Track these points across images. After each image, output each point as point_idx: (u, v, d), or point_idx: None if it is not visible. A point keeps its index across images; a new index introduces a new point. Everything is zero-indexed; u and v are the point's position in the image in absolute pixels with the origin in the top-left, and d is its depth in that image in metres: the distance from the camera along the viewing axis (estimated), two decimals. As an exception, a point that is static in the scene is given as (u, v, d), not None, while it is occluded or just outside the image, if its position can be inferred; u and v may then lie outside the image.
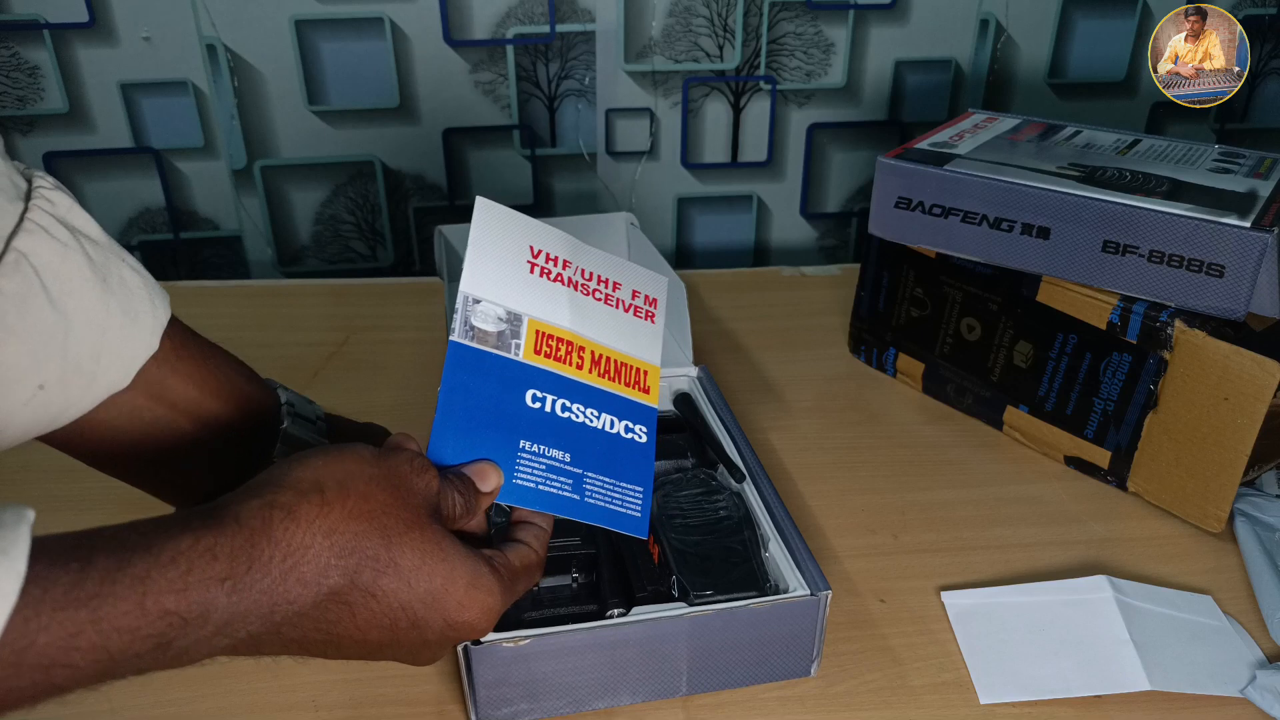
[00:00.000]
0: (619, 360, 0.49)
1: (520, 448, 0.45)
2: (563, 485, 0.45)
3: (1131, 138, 0.84)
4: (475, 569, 0.39)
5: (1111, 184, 0.73)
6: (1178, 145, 0.82)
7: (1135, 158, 0.78)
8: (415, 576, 0.37)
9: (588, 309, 0.49)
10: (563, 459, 0.46)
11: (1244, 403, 0.65)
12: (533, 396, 0.46)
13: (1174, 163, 0.77)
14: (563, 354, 0.47)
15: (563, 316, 0.48)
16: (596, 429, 0.47)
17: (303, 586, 0.34)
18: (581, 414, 0.47)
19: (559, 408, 0.46)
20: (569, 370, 0.47)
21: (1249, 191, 0.71)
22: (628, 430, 0.48)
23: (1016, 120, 0.89)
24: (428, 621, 0.38)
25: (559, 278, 0.48)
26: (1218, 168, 0.76)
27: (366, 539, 0.36)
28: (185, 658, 0.32)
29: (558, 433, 0.46)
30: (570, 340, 0.48)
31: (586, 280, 0.49)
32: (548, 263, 0.48)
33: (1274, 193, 0.71)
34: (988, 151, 0.81)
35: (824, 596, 0.56)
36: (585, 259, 0.50)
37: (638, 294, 0.51)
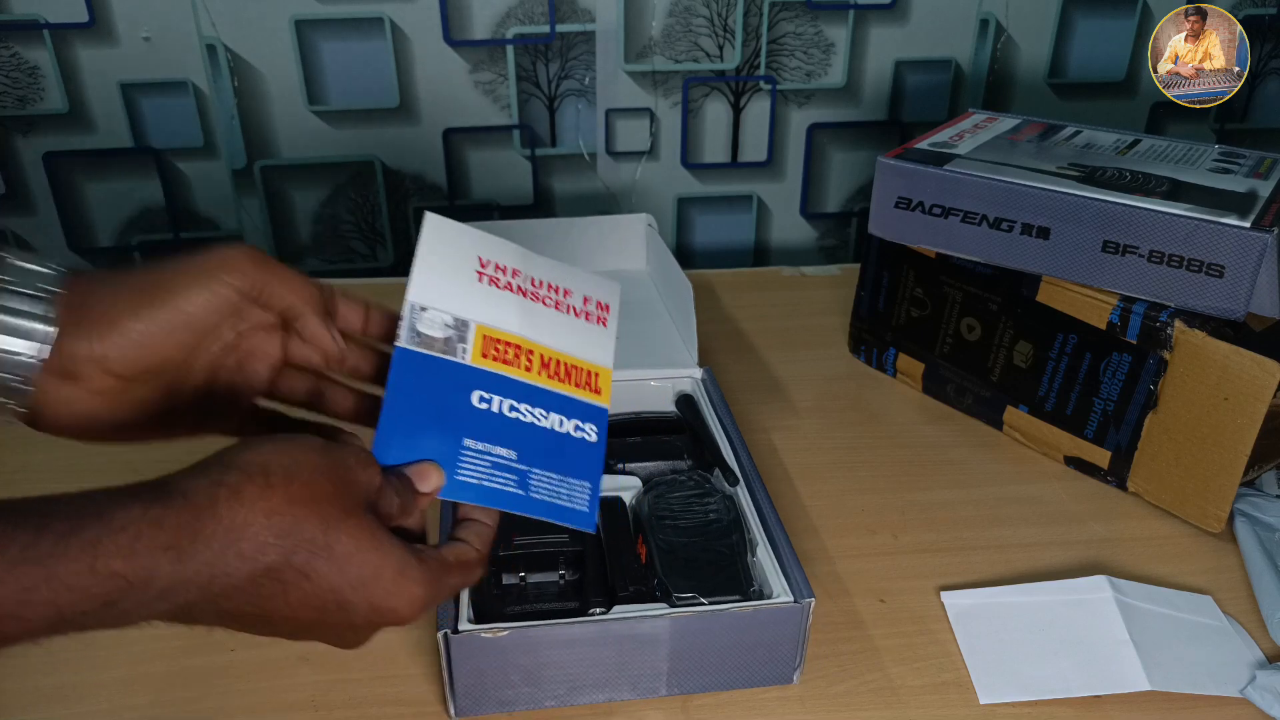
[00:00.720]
0: (569, 363, 0.50)
1: (464, 446, 0.46)
2: (507, 481, 0.47)
3: (1131, 138, 0.84)
4: (405, 560, 0.41)
5: (1111, 184, 0.73)
6: (1178, 145, 0.82)
7: (1135, 158, 0.78)
8: (347, 562, 0.39)
9: (537, 314, 0.50)
10: (508, 456, 0.47)
11: (1244, 403, 0.65)
12: (479, 398, 0.47)
13: (1174, 163, 0.77)
14: (511, 357, 0.49)
15: (511, 322, 0.49)
16: (545, 428, 0.49)
17: (241, 561, 0.36)
18: (530, 413, 0.48)
19: (506, 408, 0.48)
20: (517, 372, 0.49)
21: (1249, 192, 0.71)
22: (577, 429, 0.49)
23: (1016, 120, 0.89)
24: (355, 605, 0.40)
25: (508, 285, 0.50)
26: (1218, 168, 0.76)
27: (305, 523, 0.38)
28: (127, 619, 0.35)
29: (504, 431, 0.47)
30: (519, 344, 0.49)
31: (536, 287, 0.51)
32: (496, 271, 0.50)
33: (1274, 193, 0.71)
34: (988, 151, 0.81)
35: (807, 604, 0.55)
36: (535, 268, 0.52)
37: (589, 300, 0.53)
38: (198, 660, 0.58)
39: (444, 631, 0.52)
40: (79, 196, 1.08)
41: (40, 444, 0.78)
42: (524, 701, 0.55)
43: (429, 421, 0.46)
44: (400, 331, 0.46)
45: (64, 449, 0.79)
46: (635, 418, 0.75)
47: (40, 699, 0.56)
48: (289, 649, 0.59)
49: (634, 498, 0.66)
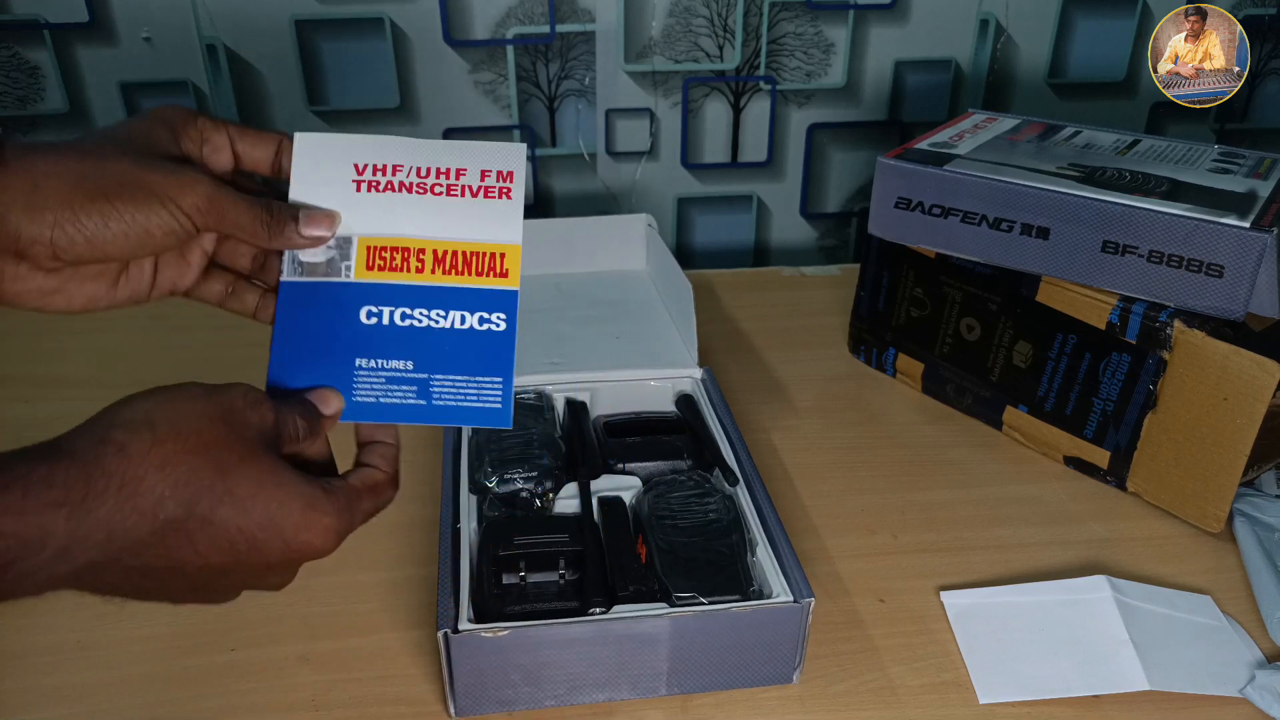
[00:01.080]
0: (468, 250, 0.48)
1: (356, 366, 0.46)
2: (406, 394, 0.46)
3: (1131, 138, 0.84)
4: (310, 493, 0.41)
5: (1111, 184, 0.73)
6: (1177, 145, 0.82)
7: (1135, 158, 0.78)
8: (251, 503, 0.39)
9: (424, 207, 0.48)
10: (404, 368, 0.46)
11: (1243, 403, 0.65)
12: (367, 313, 0.47)
13: (1173, 163, 0.77)
14: (398, 263, 0.47)
15: (396, 224, 0.47)
16: (443, 329, 0.47)
17: (139, 516, 0.36)
18: (425, 318, 0.47)
19: (398, 317, 0.47)
20: (407, 276, 0.47)
21: (1248, 192, 0.71)
22: (483, 321, 0.47)
23: (1016, 120, 0.89)
24: (267, 544, 0.40)
25: (389, 185, 0.48)
26: (1217, 168, 0.76)
27: (200, 472, 0.38)
28: (27, 582, 0.34)
29: (397, 342, 0.46)
30: (406, 246, 0.47)
31: (422, 178, 0.48)
32: (375, 174, 0.48)
33: (1273, 193, 0.71)
34: (987, 152, 0.81)
35: (807, 604, 0.55)
36: (420, 156, 0.48)
37: (487, 174, 0.49)
38: (198, 660, 0.58)
39: (444, 631, 0.52)
40: (79, 196, 1.08)
41: (39, 438, 0.79)
42: (524, 701, 0.55)
43: (318, 348, 0.46)
44: (283, 265, 0.46)
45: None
46: (635, 418, 0.76)
47: (40, 699, 0.56)
48: (290, 648, 0.59)
49: (634, 498, 0.66)
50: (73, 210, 0.40)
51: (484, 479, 0.65)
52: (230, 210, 0.43)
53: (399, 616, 0.62)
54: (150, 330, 0.96)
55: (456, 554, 0.58)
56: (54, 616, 0.61)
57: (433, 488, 0.72)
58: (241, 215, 0.44)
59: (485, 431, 0.70)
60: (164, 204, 0.41)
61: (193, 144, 0.45)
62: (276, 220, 0.45)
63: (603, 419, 0.75)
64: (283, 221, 0.45)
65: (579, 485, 0.66)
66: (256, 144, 0.47)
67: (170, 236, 0.42)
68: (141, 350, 0.92)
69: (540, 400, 0.75)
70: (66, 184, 0.40)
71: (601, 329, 0.87)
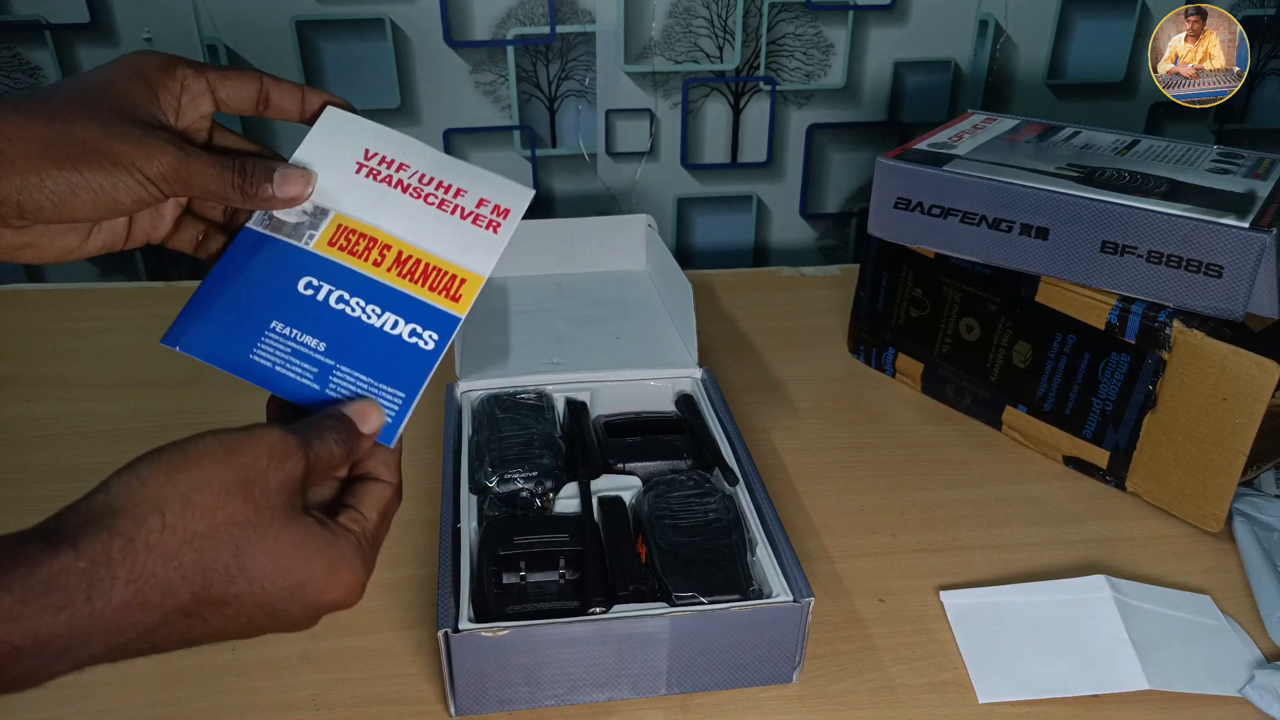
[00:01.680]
0: (431, 263, 0.47)
1: (270, 327, 0.45)
2: (304, 371, 0.44)
3: (1130, 138, 0.84)
4: (333, 555, 0.39)
5: (1110, 184, 0.73)
6: (1176, 146, 0.82)
7: (1134, 158, 0.78)
8: (269, 580, 0.37)
9: (411, 210, 0.48)
10: (315, 346, 0.45)
11: (1242, 403, 0.65)
12: (306, 284, 0.46)
13: (1172, 163, 0.77)
14: (361, 249, 0.47)
15: (377, 216, 0.47)
16: (372, 326, 0.46)
17: (146, 611, 0.34)
18: (360, 309, 0.46)
19: (334, 299, 0.46)
20: (362, 265, 0.46)
21: (1247, 192, 0.71)
22: (414, 334, 0.46)
23: (1015, 121, 0.89)
24: (289, 611, 0.38)
25: (387, 179, 0.48)
26: (1216, 168, 0.76)
27: (214, 555, 0.35)
28: (25, 682, 0.33)
29: (321, 321, 0.45)
30: (375, 236, 0.47)
31: (423, 184, 0.48)
32: (380, 165, 0.48)
33: (1272, 193, 0.71)
34: (987, 152, 0.81)
35: (806, 603, 0.55)
36: (431, 165, 0.49)
37: (485, 203, 0.48)
38: (198, 660, 0.58)
39: (444, 631, 0.52)
40: (80, 197, 1.08)
41: (40, 444, 0.79)
42: (524, 701, 0.55)
43: (242, 299, 0.45)
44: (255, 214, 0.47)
45: (64, 449, 0.79)
46: (635, 418, 0.76)
47: (40, 698, 0.55)
48: (290, 648, 0.59)
49: (634, 497, 0.66)
50: (39, 176, 0.39)
51: (484, 479, 0.65)
52: (199, 175, 0.43)
53: (399, 616, 0.62)
54: (150, 330, 0.96)
55: (457, 554, 0.58)
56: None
57: (433, 487, 0.72)
58: (210, 179, 0.43)
59: (486, 431, 0.70)
60: (130, 173, 0.41)
61: (170, 96, 0.44)
62: (250, 181, 0.44)
63: (603, 419, 0.75)
64: (256, 181, 0.44)
65: (579, 485, 0.66)
66: (238, 87, 0.46)
67: (138, 203, 0.42)
68: (141, 350, 0.92)
69: (540, 400, 0.75)
70: (33, 149, 0.39)
71: (601, 329, 0.87)
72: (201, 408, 0.82)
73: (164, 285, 1.05)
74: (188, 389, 0.85)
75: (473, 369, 0.78)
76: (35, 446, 0.78)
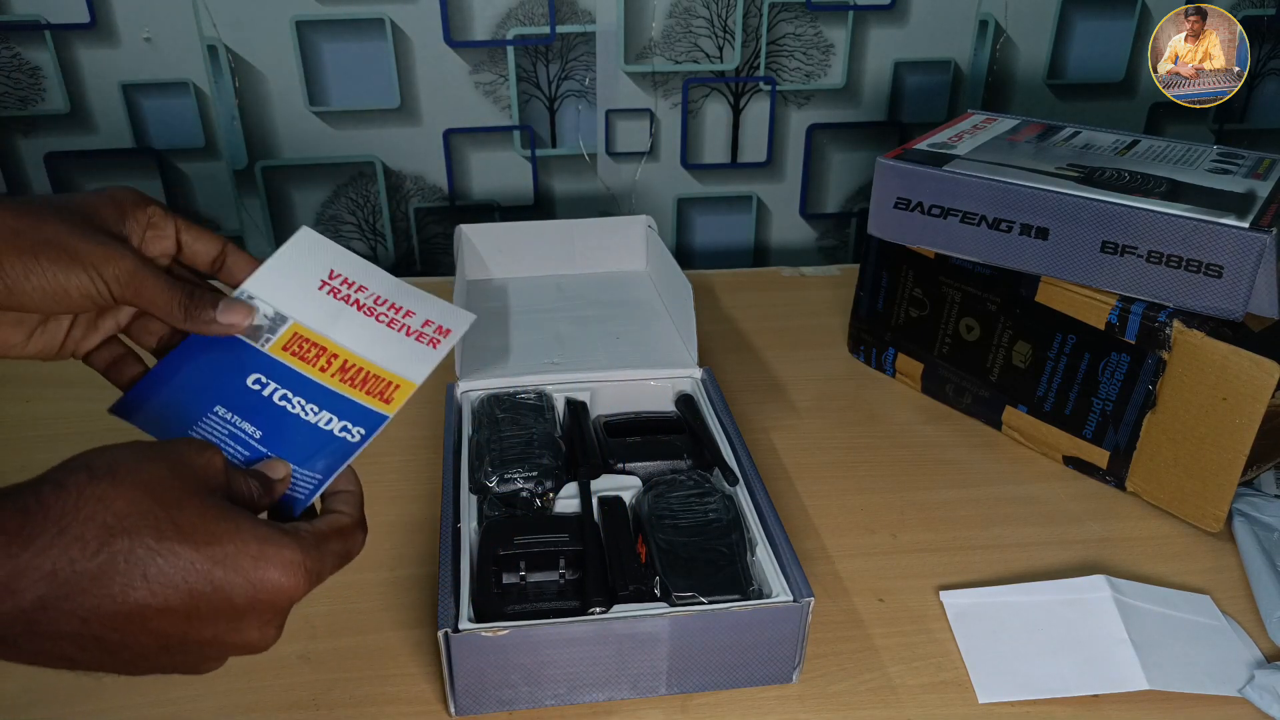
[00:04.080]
0: (372, 372, 0.51)
1: (214, 409, 0.48)
2: (235, 452, 0.48)
3: (1130, 138, 0.84)
4: (265, 531, 0.39)
5: (1110, 184, 0.73)
6: (1176, 146, 0.82)
7: (1134, 158, 0.78)
8: (200, 536, 0.37)
9: (362, 325, 0.52)
10: (250, 432, 0.48)
11: (1242, 403, 0.65)
12: (255, 379, 0.49)
13: (1173, 163, 0.77)
14: (311, 355, 0.51)
15: (331, 328, 0.52)
16: (308, 422, 0.49)
17: (81, 545, 0.35)
18: (300, 406, 0.50)
19: (277, 395, 0.49)
20: (309, 370, 0.50)
21: (1247, 192, 0.71)
22: (343, 430, 0.49)
23: (1015, 121, 0.89)
24: (227, 582, 0.38)
25: (345, 297, 0.53)
26: (1216, 168, 0.76)
27: (142, 503, 0.37)
28: None
29: (260, 412, 0.49)
30: (325, 346, 0.51)
31: (376, 305, 0.53)
32: (341, 284, 0.53)
33: (1272, 193, 0.71)
34: (987, 152, 0.81)
35: (806, 603, 0.55)
36: (386, 289, 0.54)
37: (430, 323, 0.53)
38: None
39: (444, 631, 0.52)
40: (80, 197, 1.08)
41: (40, 444, 0.79)
42: (524, 700, 0.55)
43: (193, 384, 0.48)
44: None
45: (64, 449, 0.79)
46: (635, 418, 0.76)
47: (41, 698, 0.56)
48: (290, 648, 0.59)
49: (634, 497, 0.66)
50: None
51: (484, 478, 0.65)
52: (149, 288, 0.45)
53: (399, 616, 0.62)
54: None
55: (457, 553, 0.58)
56: (55, 616, 0.61)
57: (433, 487, 0.72)
58: (159, 294, 0.45)
59: (486, 431, 0.70)
60: (85, 269, 0.43)
61: (137, 225, 0.47)
62: (195, 304, 0.47)
63: (603, 419, 0.75)
64: (200, 306, 0.47)
65: (579, 485, 0.66)
66: (200, 239, 0.49)
67: (86, 300, 0.44)
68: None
69: (540, 400, 0.75)
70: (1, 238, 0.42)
71: (601, 329, 0.87)
72: (202, 408, 0.82)
73: (164, 285, 1.05)
74: (188, 389, 0.85)
75: (473, 369, 0.78)
76: (35, 446, 0.78)
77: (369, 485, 0.73)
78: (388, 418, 0.51)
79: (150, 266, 0.45)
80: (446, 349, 0.52)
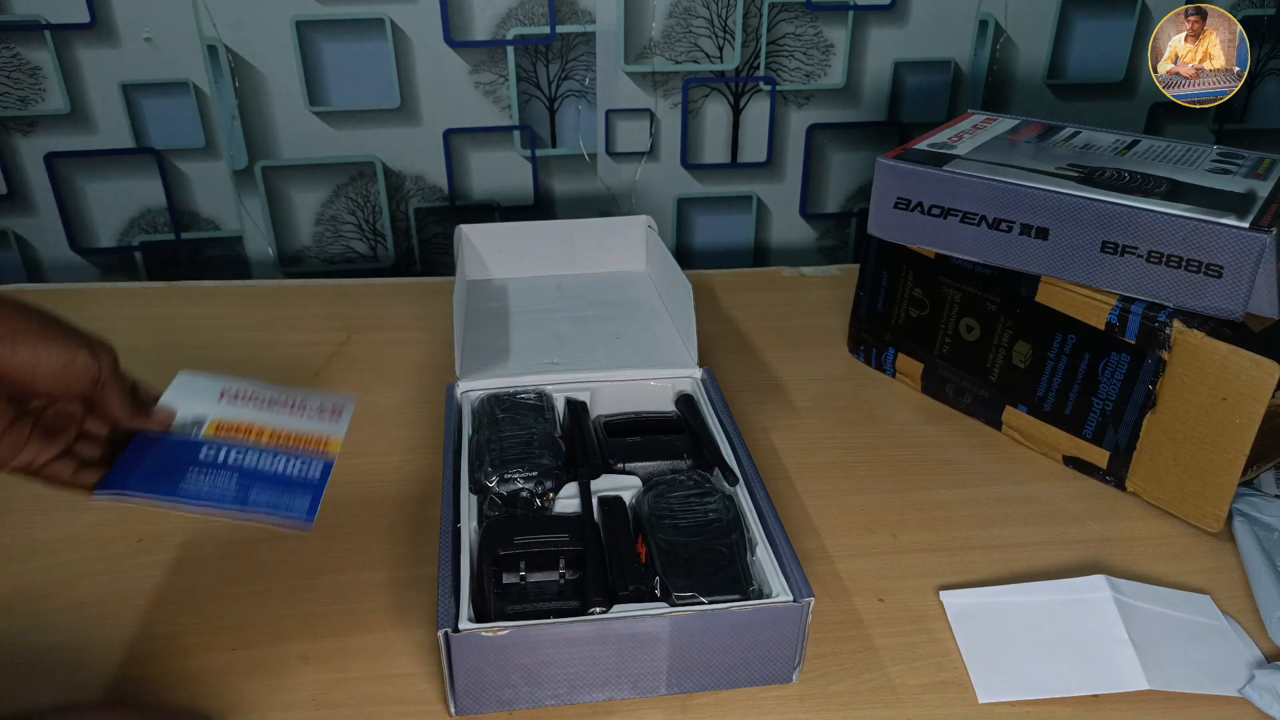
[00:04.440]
0: (299, 434, 0.59)
1: (188, 472, 0.55)
2: (223, 488, 0.54)
3: (1130, 138, 0.84)
4: None
5: (1110, 184, 0.73)
6: (1176, 146, 0.82)
7: (1134, 158, 0.78)
8: None
9: (269, 415, 0.60)
10: (228, 479, 0.55)
11: (1242, 403, 0.65)
12: (205, 453, 0.56)
13: (1172, 163, 0.77)
14: (241, 432, 0.58)
15: (244, 416, 0.59)
16: (267, 468, 0.56)
17: None
18: (255, 458, 0.57)
19: (231, 456, 0.56)
20: (245, 439, 0.58)
21: (1247, 192, 0.71)
22: (302, 469, 0.57)
23: (1015, 121, 0.89)
24: None
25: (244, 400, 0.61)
26: (1216, 168, 0.76)
27: None
28: None
29: (227, 468, 0.56)
30: (249, 426, 0.59)
31: (272, 403, 0.61)
32: (236, 397, 0.61)
33: (1273, 193, 0.71)
34: (987, 152, 0.81)
35: (806, 603, 0.55)
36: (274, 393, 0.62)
37: (324, 407, 0.62)
38: (198, 660, 0.58)
39: (444, 631, 0.52)
40: (80, 197, 1.08)
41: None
42: (524, 700, 0.55)
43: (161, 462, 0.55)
44: None
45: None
46: (635, 418, 0.76)
47: (42, 699, 0.56)
48: (290, 648, 0.59)
49: (634, 497, 0.66)
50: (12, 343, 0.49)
51: (484, 479, 0.65)
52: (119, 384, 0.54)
53: (399, 616, 0.62)
54: (150, 330, 0.96)
55: (457, 553, 0.58)
56: (57, 616, 0.61)
57: (433, 487, 0.72)
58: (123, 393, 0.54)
59: (486, 431, 0.70)
60: (90, 351, 0.52)
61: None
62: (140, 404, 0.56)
63: (603, 419, 0.75)
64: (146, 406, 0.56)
65: (579, 485, 0.66)
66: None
67: (85, 376, 0.51)
68: (142, 350, 0.92)
69: (540, 400, 0.75)
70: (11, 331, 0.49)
71: (601, 329, 0.87)
72: (202, 408, 0.83)
73: (164, 285, 1.05)
74: (188, 389, 0.85)
75: (473, 369, 0.78)
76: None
77: (370, 485, 0.74)
78: (334, 460, 0.58)
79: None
80: (347, 420, 0.61)
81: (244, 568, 0.65)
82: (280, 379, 0.87)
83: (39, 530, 0.68)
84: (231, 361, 0.90)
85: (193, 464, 0.55)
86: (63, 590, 0.63)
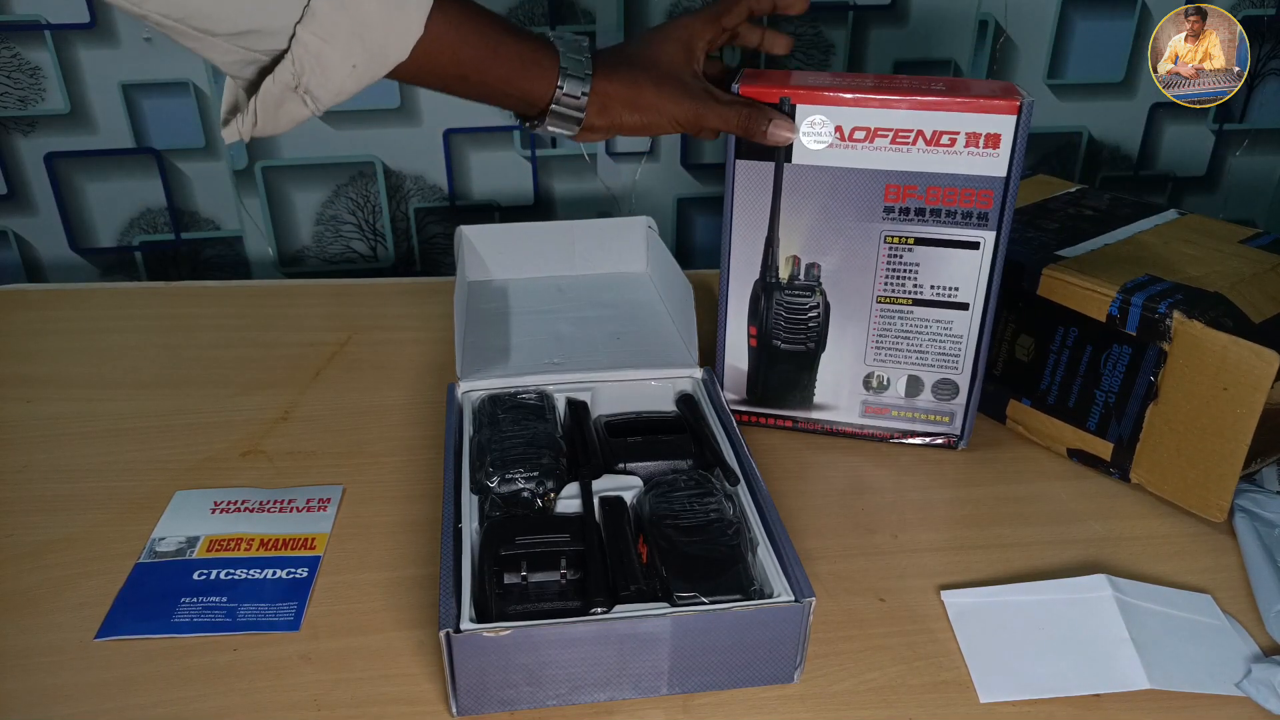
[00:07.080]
0: (285, 538, 0.67)
1: (180, 601, 0.61)
2: (214, 616, 0.60)
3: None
4: None
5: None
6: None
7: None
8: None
9: (260, 519, 0.68)
10: (220, 602, 0.61)
11: (1243, 393, 0.65)
12: (199, 574, 0.63)
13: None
14: (231, 546, 0.66)
15: (236, 528, 0.67)
16: (255, 579, 0.63)
17: None
18: (245, 574, 0.63)
19: (223, 575, 0.63)
20: (236, 554, 0.65)
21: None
22: (289, 574, 0.64)
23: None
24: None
25: (236, 509, 0.69)
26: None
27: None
28: None
29: (218, 589, 0.62)
30: (239, 538, 0.66)
31: (264, 504, 0.70)
32: (229, 506, 0.69)
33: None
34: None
35: (808, 603, 0.55)
36: (263, 495, 0.71)
37: (311, 501, 0.70)
38: (198, 660, 0.58)
39: (445, 631, 0.52)
40: (80, 197, 1.08)
41: (40, 444, 0.79)
42: (525, 700, 0.55)
43: (155, 594, 0.62)
44: (144, 551, 0.65)
45: (64, 449, 0.80)
46: (636, 418, 0.76)
47: (42, 699, 0.56)
48: (290, 648, 0.59)
49: (634, 497, 0.66)
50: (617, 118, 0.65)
51: (485, 479, 0.65)
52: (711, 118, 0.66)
53: (400, 616, 0.62)
54: (150, 330, 0.96)
55: (458, 554, 0.58)
56: (57, 616, 0.61)
57: (434, 488, 0.72)
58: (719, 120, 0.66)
59: (487, 431, 0.70)
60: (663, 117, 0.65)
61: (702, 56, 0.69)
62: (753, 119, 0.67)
63: (604, 419, 0.75)
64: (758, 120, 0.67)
65: (580, 485, 0.66)
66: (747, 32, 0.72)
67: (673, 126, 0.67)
68: (141, 350, 0.92)
69: (541, 400, 0.75)
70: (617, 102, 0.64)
71: (602, 329, 0.87)
72: (201, 407, 0.82)
73: (164, 285, 1.05)
74: (188, 389, 0.85)
75: (473, 369, 0.78)
76: (35, 446, 0.78)
77: (370, 486, 0.73)
78: (320, 556, 0.65)
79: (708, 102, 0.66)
80: (334, 509, 0.70)
81: (244, 568, 0.65)
82: (280, 379, 0.87)
83: (39, 530, 0.68)
84: (232, 361, 0.90)
85: (185, 593, 0.62)
86: (63, 590, 0.63)
